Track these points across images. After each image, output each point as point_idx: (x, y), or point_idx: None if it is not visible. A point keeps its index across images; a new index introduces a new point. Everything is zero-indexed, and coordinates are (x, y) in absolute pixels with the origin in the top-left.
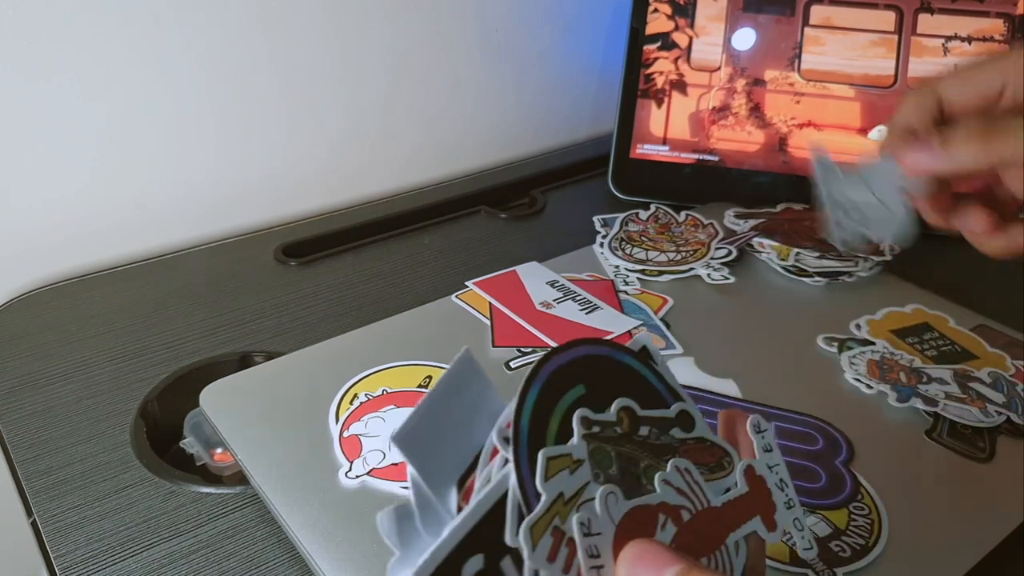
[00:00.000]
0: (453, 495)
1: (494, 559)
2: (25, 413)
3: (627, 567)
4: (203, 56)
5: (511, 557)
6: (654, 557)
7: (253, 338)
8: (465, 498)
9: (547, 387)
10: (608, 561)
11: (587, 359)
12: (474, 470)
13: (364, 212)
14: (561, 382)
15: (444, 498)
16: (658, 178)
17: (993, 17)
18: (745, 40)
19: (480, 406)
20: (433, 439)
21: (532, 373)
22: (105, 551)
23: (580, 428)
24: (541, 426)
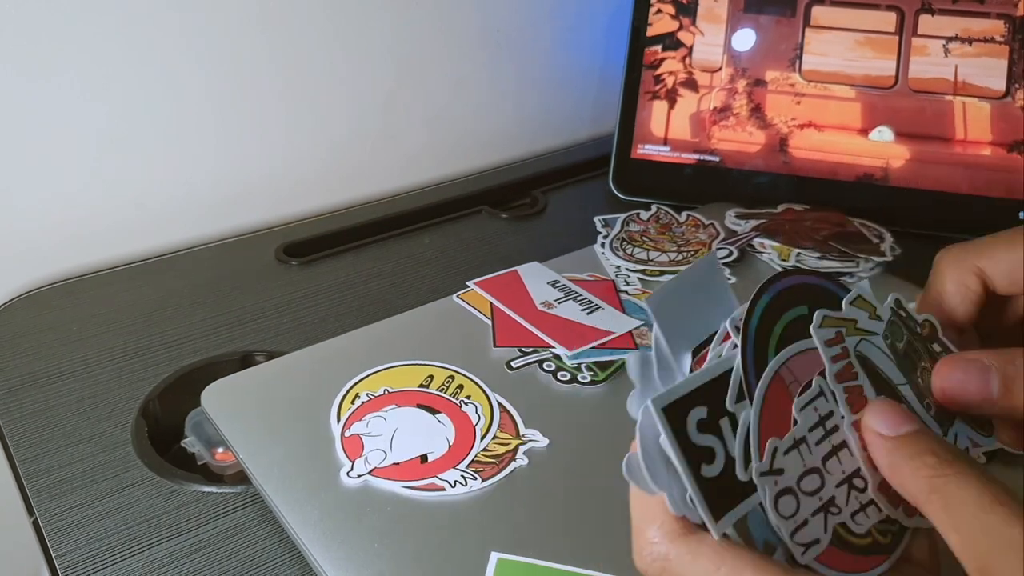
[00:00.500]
0: (687, 360)
1: (714, 416)
2: (26, 412)
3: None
4: (203, 56)
5: (728, 419)
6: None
7: (254, 338)
8: (698, 364)
9: (776, 299)
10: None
11: (814, 288)
12: (707, 346)
13: (365, 212)
14: (789, 298)
15: (680, 360)
16: (659, 178)
17: (994, 18)
18: (746, 41)
19: (718, 299)
20: (678, 311)
21: (766, 284)
22: (106, 550)
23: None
24: (766, 328)
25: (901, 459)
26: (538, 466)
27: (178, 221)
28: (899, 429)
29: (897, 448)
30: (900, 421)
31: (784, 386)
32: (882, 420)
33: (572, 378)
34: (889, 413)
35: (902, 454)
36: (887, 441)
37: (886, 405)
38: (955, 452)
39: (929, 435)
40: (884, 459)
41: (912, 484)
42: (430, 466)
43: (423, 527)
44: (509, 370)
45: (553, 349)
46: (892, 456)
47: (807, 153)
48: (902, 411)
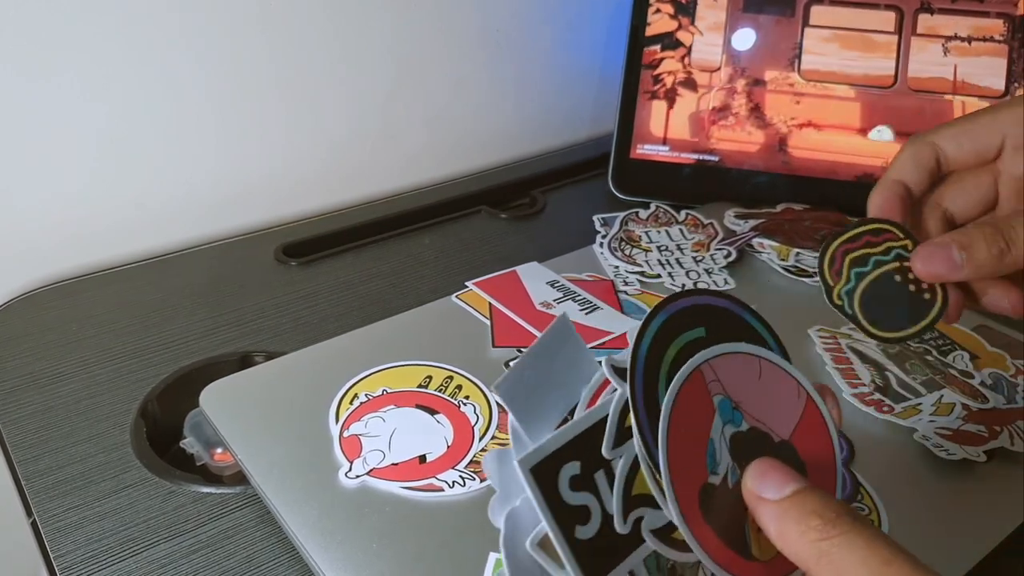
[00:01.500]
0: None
1: (588, 470)
2: (25, 413)
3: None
4: (203, 56)
5: (604, 471)
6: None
7: (253, 338)
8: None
9: (670, 321)
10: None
11: (709, 308)
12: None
13: (364, 212)
14: (683, 320)
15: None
16: (658, 178)
17: (993, 17)
18: (745, 40)
19: (575, 366)
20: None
21: (659, 306)
22: (105, 551)
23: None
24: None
25: (788, 524)
26: None
27: (178, 221)
28: (783, 490)
29: (783, 513)
30: (783, 480)
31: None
32: (765, 483)
33: None
34: (772, 473)
35: (788, 518)
36: (771, 507)
37: (767, 464)
38: (839, 510)
39: (814, 493)
40: (770, 525)
41: (801, 549)
42: (429, 466)
43: (421, 528)
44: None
45: None
46: (778, 522)
47: (806, 153)
48: (784, 469)
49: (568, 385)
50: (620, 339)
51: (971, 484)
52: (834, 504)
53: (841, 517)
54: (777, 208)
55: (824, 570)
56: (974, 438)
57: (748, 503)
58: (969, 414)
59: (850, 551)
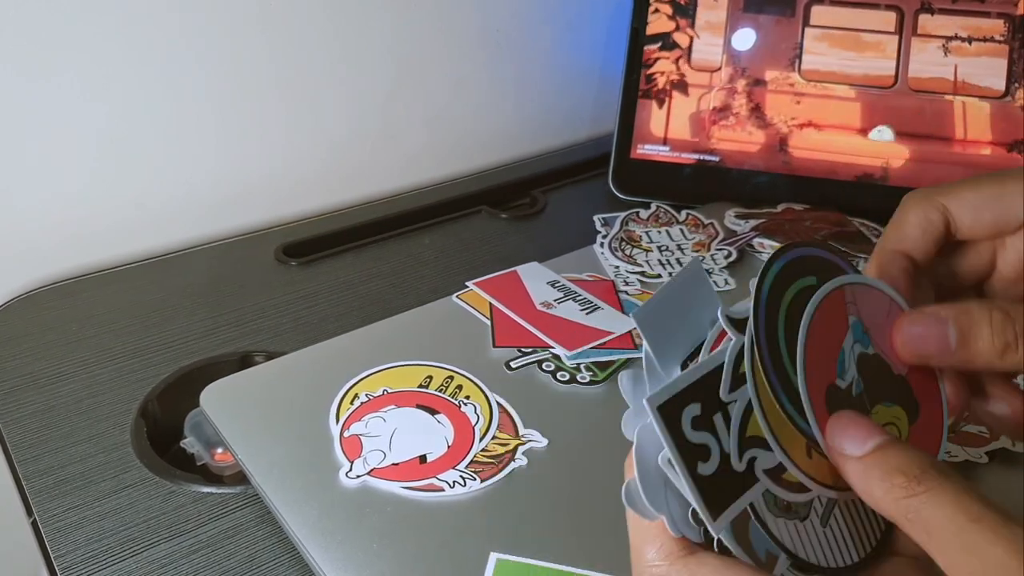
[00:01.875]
0: (678, 371)
1: (708, 411)
2: (25, 413)
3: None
4: (203, 56)
5: (721, 414)
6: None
7: (253, 338)
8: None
9: (786, 268)
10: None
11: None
12: (696, 356)
13: (364, 212)
14: (798, 268)
15: (670, 373)
16: (659, 178)
17: (994, 17)
18: (745, 40)
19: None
20: (666, 322)
21: (777, 253)
22: (105, 551)
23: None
24: (776, 297)
25: (872, 482)
26: (537, 466)
27: (178, 221)
28: (865, 445)
29: (866, 470)
30: (865, 434)
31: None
32: (846, 438)
33: (571, 378)
34: (852, 427)
35: (872, 476)
36: (855, 463)
37: (848, 419)
38: (924, 465)
39: (897, 448)
40: (855, 483)
41: (887, 506)
42: (429, 466)
43: (422, 528)
44: (508, 370)
45: (552, 349)
46: (862, 479)
47: (807, 153)
48: (866, 423)
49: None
50: (621, 339)
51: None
52: (919, 459)
53: (927, 473)
54: (777, 208)
55: (912, 528)
56: (975, 439)
57: (831, 458)
58: (970, 414)
59: (937, 508)
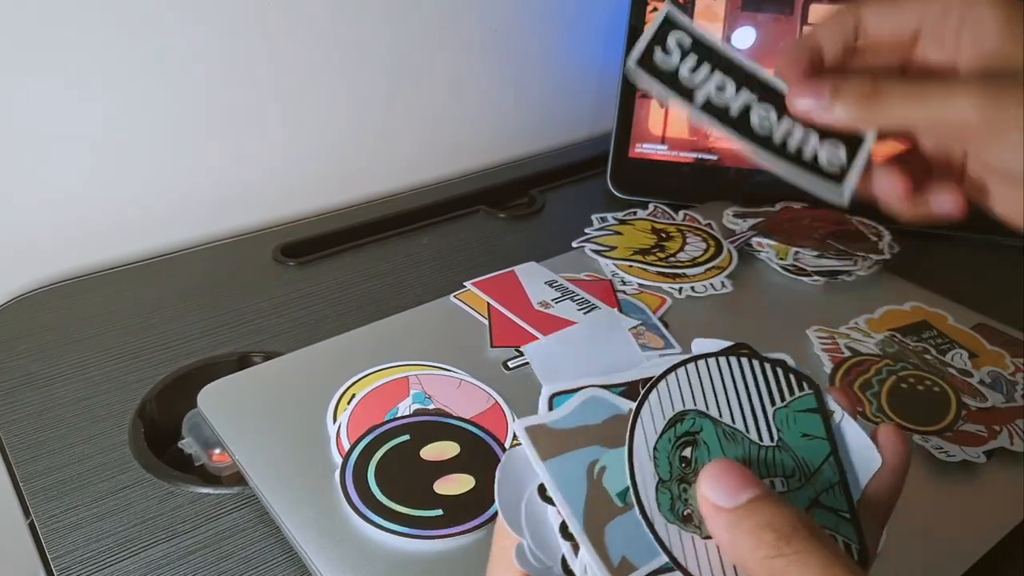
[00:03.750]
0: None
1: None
2: (23, 414)
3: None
4: (203, 56)
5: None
6: (733, 477)
7: (251, 338)
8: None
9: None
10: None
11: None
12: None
13: (363, 212)
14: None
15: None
16: (657, 177)
17: None
18: (744, 39)
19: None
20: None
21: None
22: (103, 552)
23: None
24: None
25: (740, 534)
26: None
27: (176, 222)
28: (738, 497)
29: (735, 522)
30: (738, 487)
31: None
32: (718, 488)
33: None
34: (726, 477)
35: (740, 529)
36: (724, 515)
37: (722, 467)
38: (796, 523)
39: (770, 503)
40: (721, 536)
41: (752, 565)
42: None
43: None
44: (506, 370)
45: None
46: (729, 532)
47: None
48: (741, 472)
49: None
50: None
51: (971, 484)
52: (792, 516)
53: (798, 531)
54: (776, 207)
55: None
56: (973, 438)
57: (701, 509)
58: (968, 413)
59: (805, 570)
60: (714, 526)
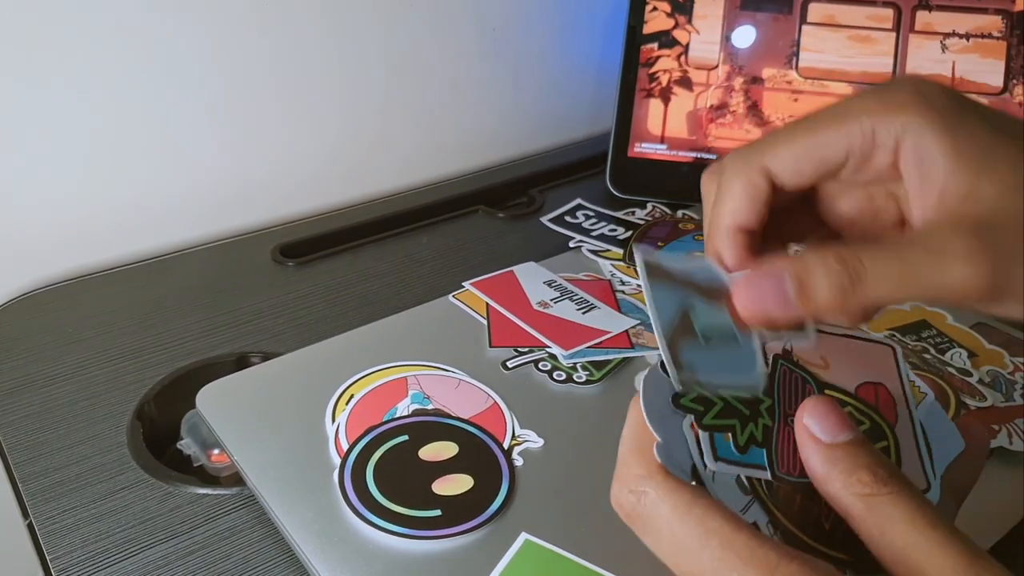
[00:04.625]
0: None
1: None
2: (22, 414)
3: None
4: (201, 56)
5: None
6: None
7: (250, 339)
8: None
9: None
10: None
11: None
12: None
13: (362, 212)
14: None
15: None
16: (656, 177)
17: (991, 14)
18: (743, 38)
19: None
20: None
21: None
22: (102, 553)
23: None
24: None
25: (835, 471)
26: (533, 466)
27: (174, 222)
28: (836, 436)
29: (832, 459)
30: (839, 427)
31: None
32: (820, 423)
33: (568, 378)
34: (828, 416)
35: (837, 467)
36: (822, 448)
37: (826, 406)
38: (890, 470)
39: (865, 448)
40: (818, 467)
41: (844, 499)
42: None
43: None
44: (505, 370)
45: (549, 349)
46: (826, 466)
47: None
48: (841, 415)
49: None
50: (618, 339)
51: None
52: (888, 464)
53: (894, 478)
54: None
55: (868, 523)
56: None
57: (798, 436)
58: (968, 413)
59: (898, 508)
60: (810, 455)
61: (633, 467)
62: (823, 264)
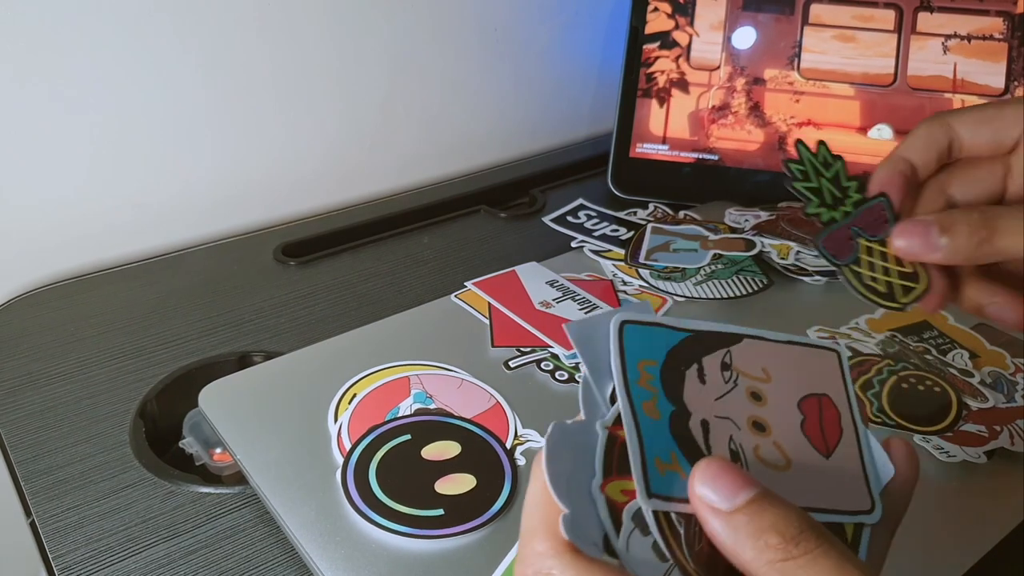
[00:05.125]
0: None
1: None
2: (24, 413)
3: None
4: (201, 56)
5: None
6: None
7: (252, 338)
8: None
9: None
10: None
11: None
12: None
13: (363, 212)
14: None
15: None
16: (658, 177)
17: (992, 15)
18: (745, 39)
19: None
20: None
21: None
22: (104, 551)
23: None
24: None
25: (741, 540)
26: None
27: (176, 221)
28: (736, 499)
29: (736, 526)
30: (736, 487)
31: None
32: (714, 488)
33: (570, 378)
34: (722, 477)
35: (742, 533)
36: (723, 517)
37: (718, 467)
38: (802, 526)
39: (772, 503)
40: (722, 540)
41: (760, 569)
42: None
43: None
44: (507, 370)
45: (551, 349)
46: (732, 536)
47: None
48: (738, 473)
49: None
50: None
51: (971, 484)
52: (796, 518)
53: (804, 534)
54: (777, 207)
55: None
56: (974, 439)
57: (695, 509)
58: (969, 414)
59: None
60: (713, 529)
61: (537, 543)
62: (967, 219)
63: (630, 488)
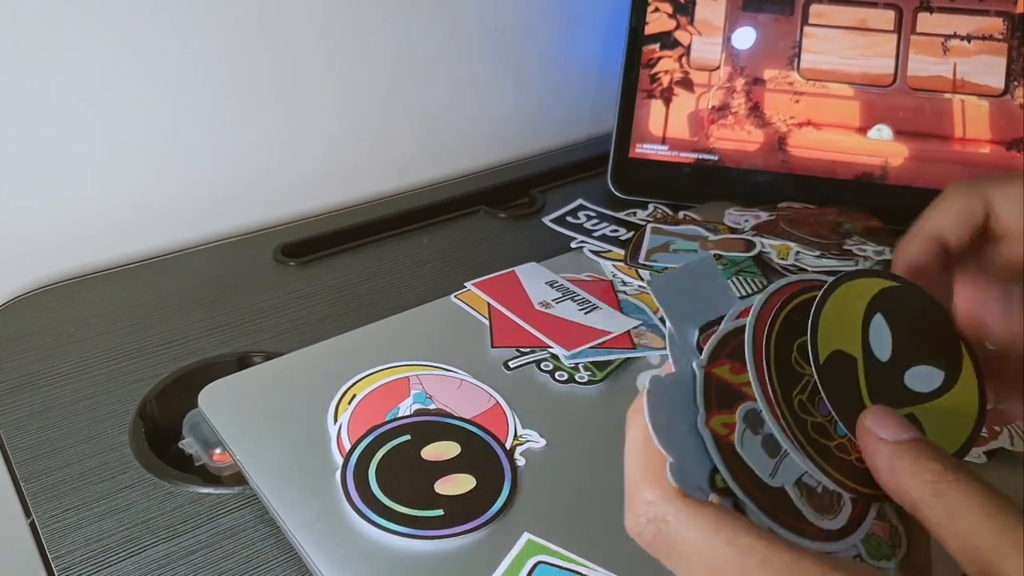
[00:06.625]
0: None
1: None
2: (24, 414)
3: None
4: (202, 56)
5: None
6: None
7: (252, 338)
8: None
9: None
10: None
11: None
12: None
13: (363, 212)
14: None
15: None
16: (657, 177)
17: (992, 16)
18: (744, 39)
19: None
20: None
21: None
22: (104, 552)
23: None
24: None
25: (901, 464)
26: (535, 466)
27: (176, 222)
28: (900, 436)
29: (898, 454)
30: (901, 428)
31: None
32: (883, 425)
33: (570, 378)
34: (889, 419)
35: (903, 460)
36: (887, 446)
37: (885, 412)
38: (957, 462)
39: (930, 444)
40: (883, 463)
41: (912, 489)
42: None
43: None
44: (507, 370)
45: (551, 349)
46: (892, 460)
47: (806, 152)
48: (901, 419)
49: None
50: (619, 339)
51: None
52: (952, 458)
53: (961, 468)
54: (777, 207)
55: (936, 509)
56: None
57: (861, 441)
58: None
59: (967, 495)
60: (875, 454)
61: (646, 492)
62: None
63: (731, 422)
